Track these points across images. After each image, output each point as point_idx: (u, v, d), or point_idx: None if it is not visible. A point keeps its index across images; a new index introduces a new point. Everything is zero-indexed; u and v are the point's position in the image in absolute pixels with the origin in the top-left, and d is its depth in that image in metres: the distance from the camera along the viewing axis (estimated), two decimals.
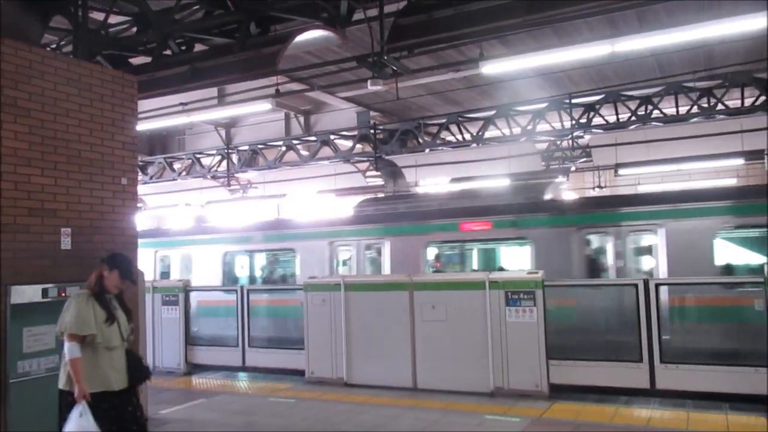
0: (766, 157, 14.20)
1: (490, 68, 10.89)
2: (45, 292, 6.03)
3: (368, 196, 16.46)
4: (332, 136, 16.82)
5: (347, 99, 17.39)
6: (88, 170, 6.56)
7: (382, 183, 19.29)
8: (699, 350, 8.41)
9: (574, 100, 13.86)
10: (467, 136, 15.31)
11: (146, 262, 14.30)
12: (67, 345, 4.49)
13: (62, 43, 9.20)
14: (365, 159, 17.33)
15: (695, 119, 13.11)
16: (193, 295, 10.71)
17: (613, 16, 11.39)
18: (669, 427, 6.15)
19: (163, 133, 21.44)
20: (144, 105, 12.59)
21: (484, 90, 16.76)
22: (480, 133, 15.00)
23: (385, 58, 8.59)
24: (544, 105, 14.25)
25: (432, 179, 18.09)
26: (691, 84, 12.95)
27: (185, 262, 15.09)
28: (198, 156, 19.27)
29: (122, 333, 4.75)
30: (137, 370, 4.89)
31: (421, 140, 15.81)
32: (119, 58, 8.62)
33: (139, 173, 18.08)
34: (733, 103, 13.07)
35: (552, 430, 6.22)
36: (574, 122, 13.83)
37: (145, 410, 7.04)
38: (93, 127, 6.64)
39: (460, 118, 15.24)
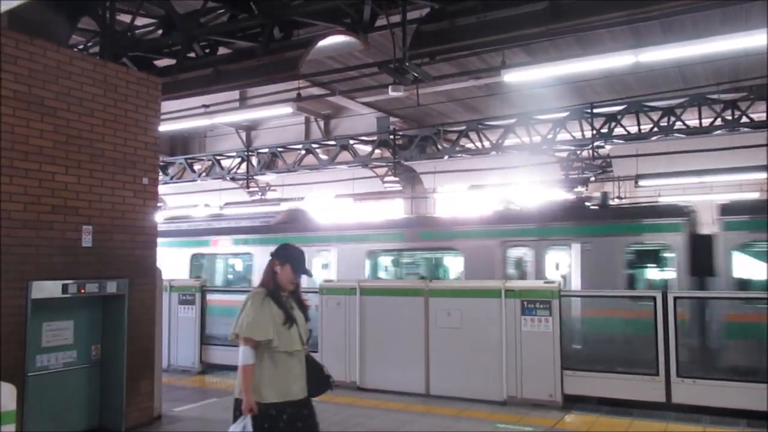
0: None
1: (511, 77, 10.88)
2: (65, 288, 6.14)
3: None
4: (351, 141, 16.88)
5: (367, 104, 17.46)
6: (110, 169, 6.67)
7: (401, 188, 19.31)
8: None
9: (595, 110, 13.77)
10: (486, 144, 15.28)
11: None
12: (241, 350, 3.94)
13: (89, 44, 9.37)
14: (384, 164, 17.36)
15: (719, 132, 12.95)
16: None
17: (638, 26, 11.33)
18: None
19: (184, 134, 21.69)
20: (166, 106, 12.72)
21: (504, 98, 16.73)
22: (499, 141, 14.96)
23: (407, 64, 8.62)
24: (565, 114, 14.17)
25: (450, 186, 18.07)
26: (715, 96, 12.81)
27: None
28: (218, 158, 19.44)
29: (302, 336, 4.14)
30: (318, 379, 4.27)
31: (440, 147, 15.81)
32: (144, 59, 8.77)
33: (160, 173, 18.27)
34: (758, 116, 12.89)
35: None
36: (595, 132, 13.73)
37: (159, 408, 7.15)
38: (117, 127, 6.76)
39: (479, 126, 15.21)
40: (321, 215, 16.29)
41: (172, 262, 14.90)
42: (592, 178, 16.64)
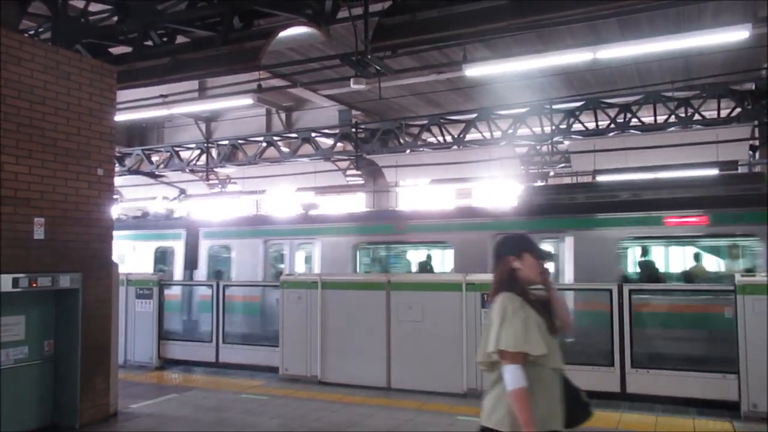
0: (739, 168, 14.47)
1: (473, 71, 10.95)
2: (15, 282, 5.95)
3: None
4: (313, 134, 16.76)
5: (329, 97, 17.36)
6: (63, 160, 6.47)
7: (363, 182, 19.29)
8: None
9: (554, 106, 13.99)
10: (448, 138, 15.36)
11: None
12: (507, 370, 3.00)
13: (41, 29, 9.05)
14: (346, 158, 17.30)
15: (672, 128, 13.30)
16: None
17: (596, 23, 11.52)
18: (638, 430, 6.23)
19: (142, 124, 21.21)
20: (123, 95, 12.44)
21: (466, 93, 16.85)
22: (461, 136, 15.06)
23: (369, 57, 8.59)
24: (525, 110, 14.36)
25: (412, 180, 18.12)
26: (669, 93, 13.14)
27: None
28: (177, 149, 19.07)
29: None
30: (575, 404, 3.32)
31: (402, 140, 15.83)
32: (99, 47, 8.51)
33: (116, 164, 17.83)
34: (710, 113, 13.28)
35: None
36: (554, 128, 13.95)
37: (115, 404, 7.00)
38: (70, 116, 6.56)
39: (441, 120, 15.29)
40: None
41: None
42: (552, 173, 16.90)
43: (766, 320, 6.50)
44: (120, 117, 13.48)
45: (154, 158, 19.52)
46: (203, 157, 18.53)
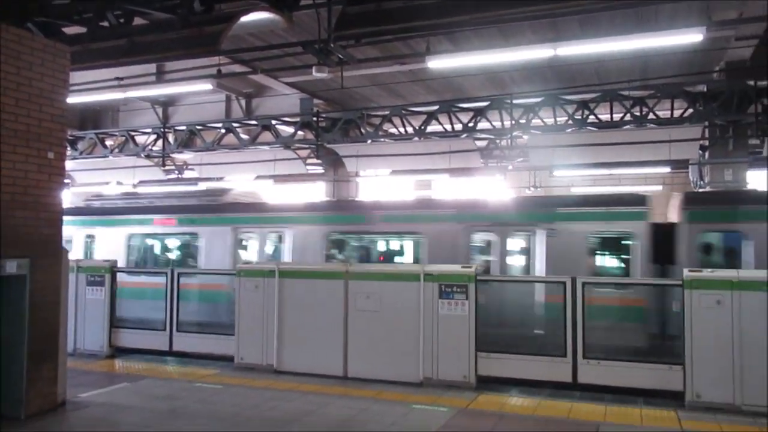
0: (689, 167, 14.95)
1: (436, 63, 11.00)
2: None
3: None
4: (274, 122, 16.57)
5: (291, 84, 17.17)
6: (11, 141, 6.25)
7: (323, 171, 19.18)
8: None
9: (514, 101, 14.15)
10: (410, 130, 15.40)
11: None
12: None
13: None
14: (306, 146, 17.17)
15: (628, 126, 13.62)
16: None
17: (556, 21, 11.69)
18: (587, 419, 6.40)
19: (96, 107, 20.58)
20: (77, 77, 12.06)
21: (428, 85, 16.90)
22: (422, 127, 15.12)
23: (332, 45, 8.55)
24: (485, 104, 14.49)
25: (373, 170, 18.12)
26: (626, 92, 13.44)
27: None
28: (132, 134, 18.58)
29: None
30: None
31: (363, 131, 15.79)
32: (52, 26, 8.21)
33: (68, 148, 17.30)
34: (664, 113, 13.65)
35: (477, 421, 6.36)
36: (513, 122, 14.12)
37: (64, 393, 6.83)
38: (19, 97, 6.33)
39: (403, 111, 15.30)
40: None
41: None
42: (510, 167, 17.12)
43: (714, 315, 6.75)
44: (73, 99, 13.07)
45: (108, 142, 19.00)
46: (159, 143, 18.13)
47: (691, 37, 9.34)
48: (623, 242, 10.99)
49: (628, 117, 13.44)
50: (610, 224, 10.94)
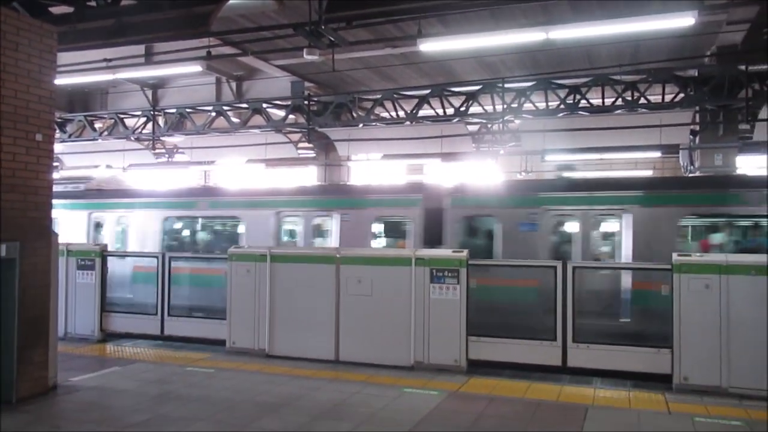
0: (680, 152, 14.99)
1: (427, 46, 10.93)
2: None
3: None
4: (265, 105, 16.46)
5: (282, 67, 17.02)
6: None
7: (314, 155, 19.11)
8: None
9: (506, 85, 14.12)
10: (401, 114, 15.34)
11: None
12: None
13: None
14: (298, 130, 17.08)
15: (619, 111, 13.63)
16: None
17: (548, 4, 11.62)
18: (576, 402, 6.47)
19: (84, 89, 20.34)
20: (65, 58, 11.89)
21: (420, 68, 16.80)
22: (414, 111, 15.07)
23: (323, 27, 8.47)
24: (477, 87, 14.45)
25: (364, 154, 18.06)
26: (617, 77, 13.43)
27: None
28: (122, 116, 18.43)
29: None
30: None
31: (355, 114, 15.73)
32: (38, 5, 8.07)
33: (57, 130, 17.13)
34: (655, 98, 13.66)
35: (468, 404, 6.42)
36: (505, 106, 14.10)
37: (55, 377, 6.82)
38: (6, 78, 6.24)
39: (395, 95, 15.24)
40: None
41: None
42: (502, 152, 17.13)
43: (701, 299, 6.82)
44: (61, 81, 12.91)
45: (97, 125, 18.83)
46: (149, 126, 17.97)
47: (683, 21, 9.32)
48: (402, 225, 12.49)
49: (619, 102, 13.45)
50: (392, 210, 12.55)
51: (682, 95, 13.06)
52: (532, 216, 11.13)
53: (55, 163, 7.33)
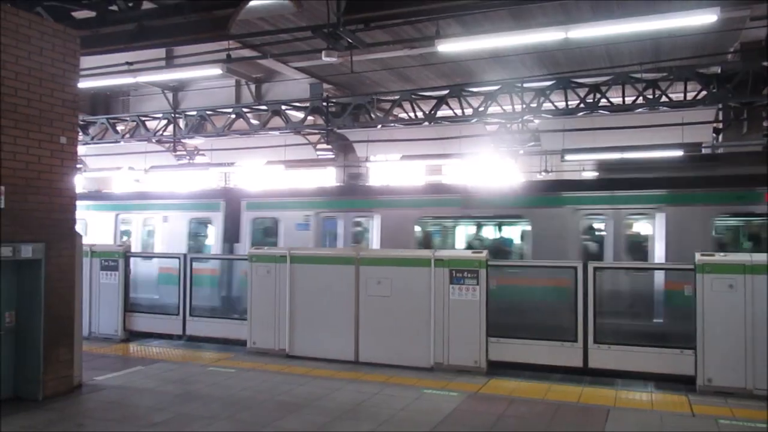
0: (703, 150, 14.78)
1: (445, 47, 10.90)
2: None
3: None
4: (284, 107, 16.55)
5: (300, 69, 17.11)
6: (24, 126, 6.29)
7: (333, 156, 19.16)
8: None
9: (525, 85, 14.04)
10: (420, 114, 15.33)
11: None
12: None
13: None
14: (316, 131, 17.14)
15: (640, 110, 13.49)
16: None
17: (567, 3, 11.54)
18: (598, 404, 6.42)
19: (106, 92, 20.66)
20: (87, 62, 12.06)
21: (438, 69, 16.77)
22: (432, 112, 15.05)
23: (341, 30, 8.49)
24: (496, 87, 14.38)
25: (383, 155, 18.08)
26: (638, 75, 13.29)
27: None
28: (143, 119, 18.65)
29: None
30: None
31: (373, 115, 15.75)
32: (61, 10, 8.22)
33: (80, 133, 17.38)
34: (677, 96, 13.49)
35: (488, 405, 6.39)
36: (524, 106, 14.02)
37: (79, 376, 6.93)
38: (31, 82, 6.35)
39: (413, 96, 15.24)
40: None
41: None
42: (521, 152, 17.03)
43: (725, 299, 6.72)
44: (84, 84, 13.08)
45: (120, 127, 19.08)
46: (170, 128, 18.16)
47: (705, 18, 9.19)
48: (209, 225, 14.19)
49: (640, 100, 13.30)
50: (201, 212, 14.12)
51: (704, 93, 12.88)
52: (306, 218, 13.21)
53: (78, 165, 7.45)
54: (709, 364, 6.78)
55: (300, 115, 16.83)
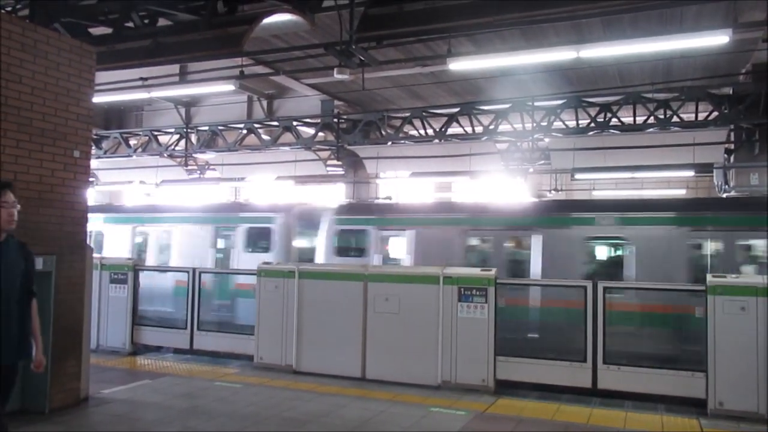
0: (714, 170, 14.72)
1: (457, 65, 10.96)
2: None
3: None
4: (295, 123, 16.67)
5: (312, 86, 17.26)
6: (39, 140, 6.35)
7: (343, 173, 19.23)
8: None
9: (536, 103, 14.06)
10: (430, 132, 15.38)
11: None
12: None
13: (18, 6, 8.86)
14: (327, 147, 17.23)
15: (651, 129, 13.47)
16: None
17: (579, 22, 11.60)
18: (607, 425, 6.34)
19: (120, 107, 20.90)
20: (102, 77, 12.24)
21: (449, 87, 16.87)
22: (443, 130, 15.10)
23: (353, 47, 8.56)
24: (507, 106, 14.42)
25: (393, 172, 18.13)
26: (649, 95, 13.29)
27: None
28: (155, 133, 18.83)
29: None
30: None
31: (384, 132, 15.82)
32: (79, 26, 8.36)
33: (93, 147, 17.56)
34: (688, 116, 13.47)
35: (495, 425, 6.33)
36: (535, 124, 14.03)
37: (86, 389, 6.93)
38: (47, 96, 6.43)
39: (424, 113, 15.30)
40: None
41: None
42: (531, 170, 17.02)
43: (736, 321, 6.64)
44: (98, 99, 13.26)
45: (132, 142, 19.27)
46: (182, 143, 18.32)
47: (717, 39, 9.20)
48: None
49: (651, 120, 13.29)
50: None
51: (716, 113, 12.84)
52: None
53: (90, 179, 7.52)
54: (720, 388, 6.69)
55: (311, 131, 16.94)
